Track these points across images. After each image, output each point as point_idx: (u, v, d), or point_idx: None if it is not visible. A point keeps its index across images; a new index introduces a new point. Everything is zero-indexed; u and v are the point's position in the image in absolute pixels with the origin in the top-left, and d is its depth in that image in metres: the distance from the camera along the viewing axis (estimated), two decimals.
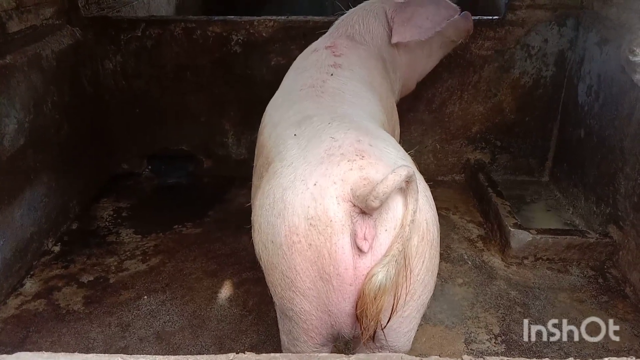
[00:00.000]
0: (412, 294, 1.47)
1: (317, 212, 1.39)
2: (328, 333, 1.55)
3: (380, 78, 2.39)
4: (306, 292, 1.47)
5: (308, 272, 1.44)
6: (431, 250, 1.46)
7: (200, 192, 4.00)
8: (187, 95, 3.94)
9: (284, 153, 1.63)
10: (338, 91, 1.97)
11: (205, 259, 3.19)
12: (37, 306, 2.81)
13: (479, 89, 3.83)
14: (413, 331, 1.63)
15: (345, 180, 1.38)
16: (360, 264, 1.39)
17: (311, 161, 1.48)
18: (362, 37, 2.48)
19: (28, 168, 3.01)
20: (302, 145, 1.59)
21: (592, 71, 3.41)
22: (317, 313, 1.50)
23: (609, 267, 3.08)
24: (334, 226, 1.37)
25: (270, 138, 1.82)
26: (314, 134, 1.61)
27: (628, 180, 2.96)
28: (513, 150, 4.03)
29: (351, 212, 1.37)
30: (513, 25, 3.65)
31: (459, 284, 2.98)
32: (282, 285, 1.51)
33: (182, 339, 2.61)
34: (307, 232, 1.40)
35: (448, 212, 3.68)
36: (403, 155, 1.59)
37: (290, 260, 1.44)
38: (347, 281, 1.41)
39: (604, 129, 3.25)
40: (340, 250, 1.38)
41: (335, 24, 2.60)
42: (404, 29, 2.52)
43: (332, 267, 1.40)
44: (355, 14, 2.56)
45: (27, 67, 3.03)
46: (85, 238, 3.40)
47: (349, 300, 1.43)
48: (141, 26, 3.77)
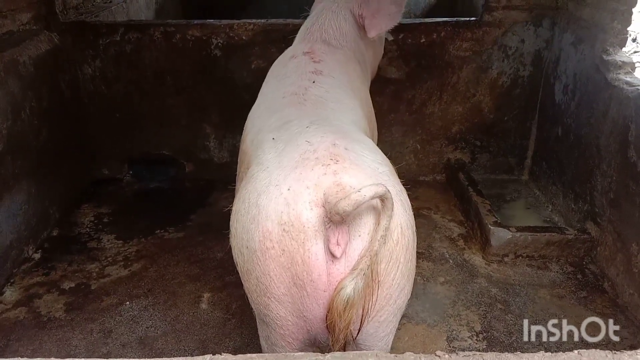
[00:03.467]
0: (388, 299, 1.47)
1: (290, 217, 1.38)
2: (305, 338, 1.55)
3: (359, 82, 2.39)
4: (281, 298, 1.46)
5: (282, 278, 1.43)
6: (406, 255, 1.46)
7: (182, 196, 3.99)
8: (168, 99, 3.92)
9: (261, 157, 1.63)
10: (320, 99, 1.96)
11: (187, 264, 3.19)
12: (18, 314, 2.78)
13: (458, 89, 3.87)
14: (391, 335, 1.63)
15: (319, 185, 1.38)
16: (333, 270, 1.39)
17: (286, 165, 1.48)
18: (337, 41, 2.47)
19: (7, 174, 2.98)
20: (279, 149, 1.58)
21: (568, 70, 3.47)
22: (292, 319, 1.50)
23: (588, 263, 3.13)
24: (307, 232, 1.37)
25: (252, 144, 1.81)
26: (291, 137, 1.61)
27: (604, 177, 3.01)
28: (492, 150, 4.07)
29: (324, 217, 1.37)
30: (490, 26, 3.69)
31: (440, 283, 3.01)
32: (257, 292, 1.51)
33: (165, 343, 2.61)
34: (280, 238, 1.40)
35: (429, 212, 3.71)
36: (381, 159, 1.58)
37: (265, 266, 1.44)
38: (320, 287, 1.41)
39: (581, 127, 3.30)
40: (313, 256, 1.38)
41: (306, 28, 2.56)
42: (377, 20, 2.53)
43: (305, 273, 1.40)
44: (326, 18, 2.52)
45: (4, 73, 3.00)
46: (66, 244, 3.37)
47: (323, 306, 1.43)
48: (120, 31, 3.75)
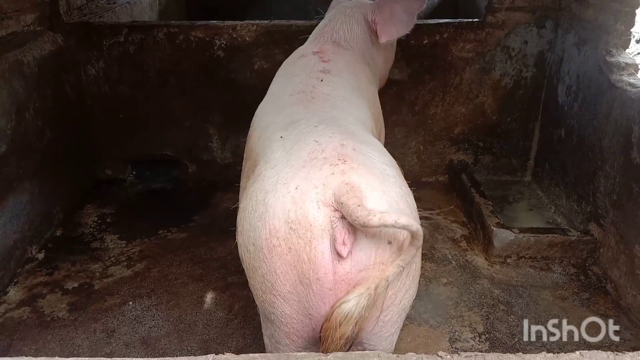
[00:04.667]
0: (394, 299, 1.49)
1: (297, 215, 1.39)
2: (310, 336, 1.55)
3: (367, 83, 2.41)
4: (287, 295, 1.47)
5: (288, 276, 1.44)
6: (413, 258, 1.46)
7: (185, 196, 4.00)
8: (171, 100, 3.93)
9: (269, 155, 1.63)
10: (328, 97, 1.97)
11: (190, 264, 3.19)
12: (21, 314, 2.79)
13: (460, 90, 3.87)
14: (395, 335, 1.63)
15: (327, 185, 1.39)
16: (339, 269, 1.40)
17: (294, 164, 1.49)
18: (347, 43, 2.50)
19: (10, 175, 2.99)
20: (287, 148, 1.59)
21: (571, 71, 3.47)
22: (298, 317, 1.50)
23: (590, 265, 3.13)
24: (314, 230, 1.38)
25: (259, 141, 1.82)
26: (300, 136, 1.62)
27: (607, 179, 3.01)
28: (495, 151, 4.07)
29: (331, 216, 1.37)
30: (493, 27, 3.69)
31: (443, 284, 3.01)
32: (263, 289, 1.52)
33: (167, 343, 2.61)
34: (287, 236, 1.41)
35: (432, 213, 3.71)
36: (388, 160, 1.59)
37: (271, 264, 1.45)
38: (326, 286, 1.41)
39: (584, 128, 3.30)
40: (319, 254, 1.39)
41: (319, 29, 2.60)
42: (389, 27, 2.56)
43: (311, 272, 1.40)
44: (338, 20, 2.56)
45: (9, 73, 3.01)
46: (70, 244, 3.38)
47: (329, 304, 1.44)
48: (124, 32, 3.76)
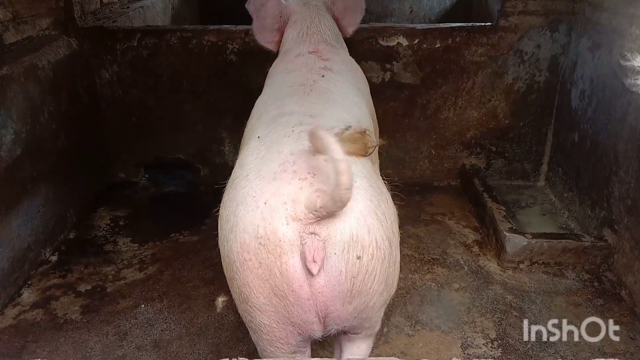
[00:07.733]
0: (367, 303, 1.49)
1: (266, 232, 1.38)
2: (298, 341, 1.55)
3: (363, 82, 2.38)
4: (262, 307, 1.46)
5: (261, 289, 1.43)
6: (382, 266, 1.46)
7: (197, 200, 4.01)
8: (184, 104, 3.96)
9: (245, 157, 1.60)
10: (327, 91, 1.94)
11: (202, 267, 3.20)
12: (35, 316, 2.81)
13: (473, 94, 3.86)
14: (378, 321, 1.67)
15: (296, 201, 1.36)
16: (314, 283, 1.39)
17: (264, 176, 1.45)
18: (336, 42, 2.47)
19: (25, 178, 3.02)
20: (261, 154, 1.55)
21: (585, 76, 3.44)
22: (278, 326, 1.49)
23: (604, 271, 3.09)
24: (283, 246, 1.37)
25: (248, 132, 1.83)
26: (274, 140, 1.58)
27: (622, 184, 2.98)
28: (508, 155, 4.05)
29: (301, 231, 1.36)
30: (506, 31, 3.68)
31: (455, 289, 2.99)
32: (239, 300, 1.52)
33: (179, 347, 2.62)
34: (257, 251, 1.40)
35: (444, 218, 3.70)
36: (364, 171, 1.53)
37: (243, 277, 1.45)
38: (303, 296, 1.41)
39: (598, 133, 3.27)
40: (291, 268, 1.38)
41: (299, 33, 2.47)
42: (350, 16, 2.57)
43: (285, 285, 1.40)
44: (317, 21, 2.48)
45: (24, 77, 3.05)
46: (83, 247, 3.40)
47: (310, 311, 1.43)
48: (137, 36, 3.79)
